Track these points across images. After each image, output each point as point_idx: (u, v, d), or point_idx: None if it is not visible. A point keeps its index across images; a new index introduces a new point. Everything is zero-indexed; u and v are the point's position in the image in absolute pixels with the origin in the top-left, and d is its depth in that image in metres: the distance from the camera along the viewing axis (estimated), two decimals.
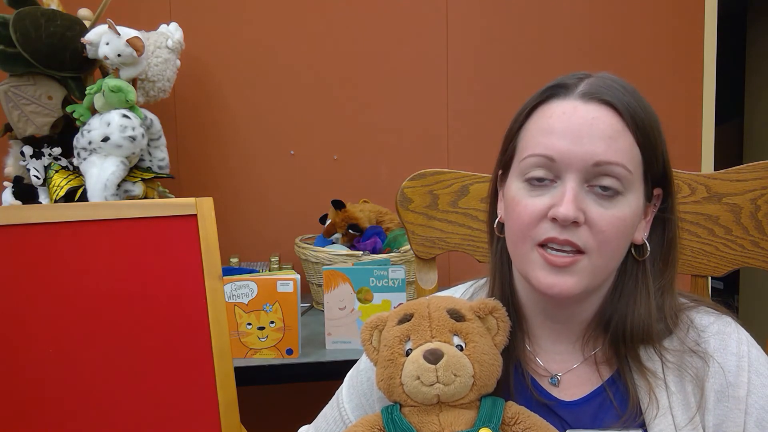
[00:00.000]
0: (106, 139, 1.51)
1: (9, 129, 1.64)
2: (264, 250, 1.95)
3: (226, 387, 1.06)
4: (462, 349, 0.72)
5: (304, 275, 1.79)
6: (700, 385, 0.76)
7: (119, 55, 1.53)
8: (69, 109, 1.60)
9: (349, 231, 1.78)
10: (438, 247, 1.11)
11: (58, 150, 1.61)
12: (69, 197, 1.56)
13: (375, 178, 2.03)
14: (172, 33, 1.71)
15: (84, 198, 1.55)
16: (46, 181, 1.60)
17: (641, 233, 0.79)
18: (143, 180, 1.62)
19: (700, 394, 0.76)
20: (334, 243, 1.80)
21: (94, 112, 1.58)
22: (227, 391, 1.06)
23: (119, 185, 1.55)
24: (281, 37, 1.97)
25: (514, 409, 0.74)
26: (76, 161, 1.58)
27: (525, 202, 0.75)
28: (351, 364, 0.93)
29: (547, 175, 0.74)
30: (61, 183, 1.57)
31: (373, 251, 1.74)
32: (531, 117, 0.78)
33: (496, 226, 0.84)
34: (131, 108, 1.56)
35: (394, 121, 2.03)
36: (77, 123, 1.60)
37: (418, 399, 0.71)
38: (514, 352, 0.81)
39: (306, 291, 1.78)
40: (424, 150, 2.05)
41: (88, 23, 1.61)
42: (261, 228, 1.99)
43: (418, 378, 0.70)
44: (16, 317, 1.06)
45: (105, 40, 1.53)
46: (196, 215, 1.10)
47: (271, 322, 1.44)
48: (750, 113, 3.47)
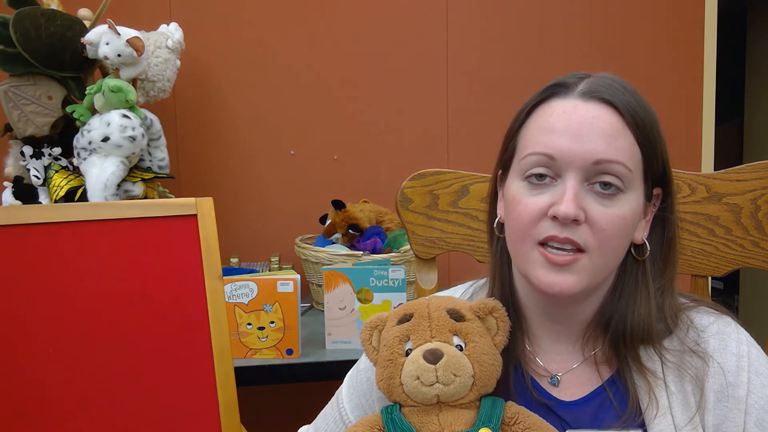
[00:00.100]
0: (106, 139, 1.51)
1: (9, 129, 1.64)
2: (264, 250, 1.95)
3: (226, 387, 1.06)
4: (462, 349, 0.72)
5: (304, 275, 1.79)
6: (700, 385, 0.76)
7: (119, 55, 1.53)
8: (69, 109, 1.60)
9: (349, 231, 1.78)
10: (438, 247, 1.10)
11: (58, 150, 1.61)
12: (69, 197, 1.56)
13: (375, 178, 2.02)
14: (172, 33, 1.71)
15: (84, 198, 1.55)
16: (46, 181, 1.60)
17: (641, 233, 0.79)
18: (143, 180, 1.62)
19: (700, 394, 0.76)
20: (334, 243, 1.80)
21: (94, 112, 1.58)
22: (227, 391, 1.06)
23: (119, 185, 1.55)
24: (281, 37, 1.97)
25: (513, 409, 0.74)
26: (76, 161, 1.58)
27: (525, 201, 0.75)
28: (351, 364, 0.93)
29: (548, 172, 0.74)
30: (61, 183, 1.57)
31: (373, 251, 1.74)
32: (531, 116, 0.79)
33: (495, 226, 0.85)
34: (131, 108, 1.56)
35: (394, 121, 2.03)
36: (77, 123, 1.60)
37: (418, 399, 0.71)
38: (514, 352, 0.81)
39: (306, 291, 1.78)
40: (424, 150, 2.05)
41: (88, 23, 1.61)
42: (261, 228, 1.99)
43: (418, 378, 0.70)
44: (16, 317, 1.05)
45: (105, 40, 1.53)
46: (196, 215, 1.10)
47: (271, 322, 1.44)
48: (750, 113, 3.46)
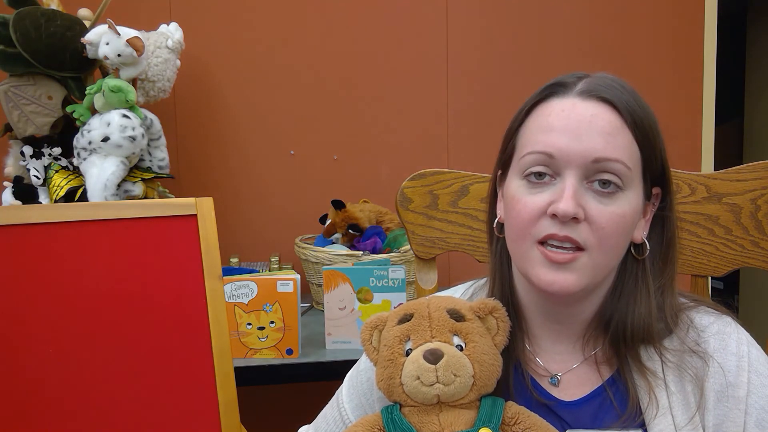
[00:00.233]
0: (106, 139, 1.51)
1: (9, 129, 1.64)
2: (264, 250, 1.95)
3: (226, 387, 1.06)
4: (462, 349, 0.72)
5: (304, 275, 1.79)
6: (700, 385, 0.76)
7: (119, 55, 1.53)
8: (69, 109, 1.60)
9: (349, 231, 1.78)
10: (438, 247, 1.10)
11: (58, 150, 1.61)
12: (69, 197, 1.56)
13: (375, 178, 2.02)
14: (172, 33, 1.71)
15: (84, 198, 1.55)
16: (46, 181, 1.60)
17: (641, 232, 0.79)
18: (143, 180, 1.62)
19: (700, 394, 0.76)
20: (334, 243, 1.80)
21: (94, 112, 1.58)
22: (227, 391, 1.06)
23: (119, 185, 1.55)
24: (281, 37, 1.97)
25: (514, 409, 0.74)
26: (76, 161, 1.58)
27: (525, 200, 0.75)
28: (351, 364, 0.93)
29: (547, 171, 0.74)
30: (61, 183, 1.57)
31: (373, 251, 1.74)
32: (530, 115, 0.79)
33: (495, 226, 0.85)
34: (131, 108, 1.56)
35: (394, 121, 2.03)
36: (77, 123, 1.60)
37: (418, 399, 0.71)
38: (514, 352, 0.81)
39: (306, 291, 1.77)
40: (424, 150, 2.05)
41: (88, 23, 1.61)
42: (261, 228, 1.99)
43: (418, 378, 0.70)
44: (16, 317, 1.05)
45: (105, 40, 1.53)
46: (196, 215, 1.10)
47: (271, 322, 1.44)
48: (750, 113, 3.46)
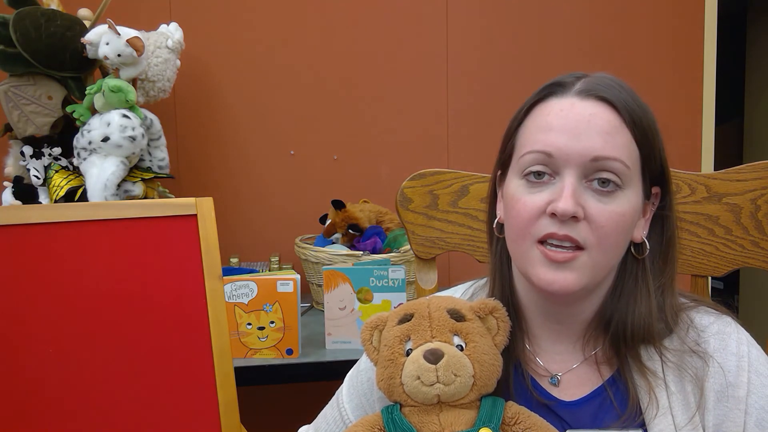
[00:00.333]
0: (106, 139, 1.51)
1: (9, 129, 1.64)
2: (264, 250, 1.95)
3: (226, 387, 1.06)
4: (462, 349, 0.72)
5: (304, 275, 1.79)
6: (700, 385, 0.76)
7: (119, 55, 1.53)
8: (69, 109, 1.60)
9: (349, 231, 1.78)
10: (438, 247, 1.10)
11: (58, 150, 1.61)
12: (69, 197, 1.56)
13: (375, 178, 2.02)
14: (172, 33, 1.71)
15: (84, 198, 1.55)
16: (46, 181, 1.60)
17: (640, 231, 0.79)
18: (143, 180, 1.62)
19: (700, 394, 0.76)
20: (334, 243, 1.80)
21: (94, 112, 1.58)
22: (227, 391, 1.06)
23: (119, 185, 1.55)
24: (281, 37, 1.97)
25: (514, 409, 0.74)
26: (76, 161, 1.58)
27: (524, 199, 0.75)
28: (351, 364, 0.93)
29: (546, 170, 0.74)
30: (61, 183, 1.57)
31: (373, 251, 1.74)
32: (529, 115, 0.79)
33: (495, 226, 0.85)
34: (131, 108, 1.56)
35: (394, 121, 2.03)
36: (77, 123, 1.60)
37: (419, 399, 0.71)
38: (514, 352, 0.81)
39: (306, 291, 1.77)
40: (424, 150, 2.05)
41: (88, 23, 1.61)
42: (261, 228, 1.99)
43: (419, 378, 0.70)
44: (16, 317, 1.05)
45: (105, 40, 1.53)
46: (196, 215, 1.10)
47: (271, 322, 1.44)
48: (750, 113, 3.46)
